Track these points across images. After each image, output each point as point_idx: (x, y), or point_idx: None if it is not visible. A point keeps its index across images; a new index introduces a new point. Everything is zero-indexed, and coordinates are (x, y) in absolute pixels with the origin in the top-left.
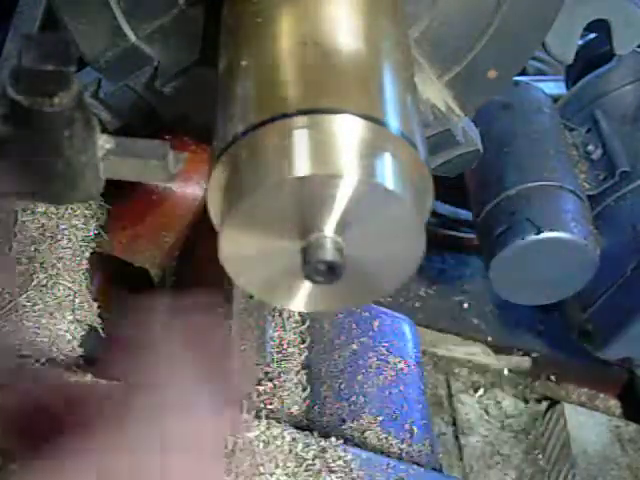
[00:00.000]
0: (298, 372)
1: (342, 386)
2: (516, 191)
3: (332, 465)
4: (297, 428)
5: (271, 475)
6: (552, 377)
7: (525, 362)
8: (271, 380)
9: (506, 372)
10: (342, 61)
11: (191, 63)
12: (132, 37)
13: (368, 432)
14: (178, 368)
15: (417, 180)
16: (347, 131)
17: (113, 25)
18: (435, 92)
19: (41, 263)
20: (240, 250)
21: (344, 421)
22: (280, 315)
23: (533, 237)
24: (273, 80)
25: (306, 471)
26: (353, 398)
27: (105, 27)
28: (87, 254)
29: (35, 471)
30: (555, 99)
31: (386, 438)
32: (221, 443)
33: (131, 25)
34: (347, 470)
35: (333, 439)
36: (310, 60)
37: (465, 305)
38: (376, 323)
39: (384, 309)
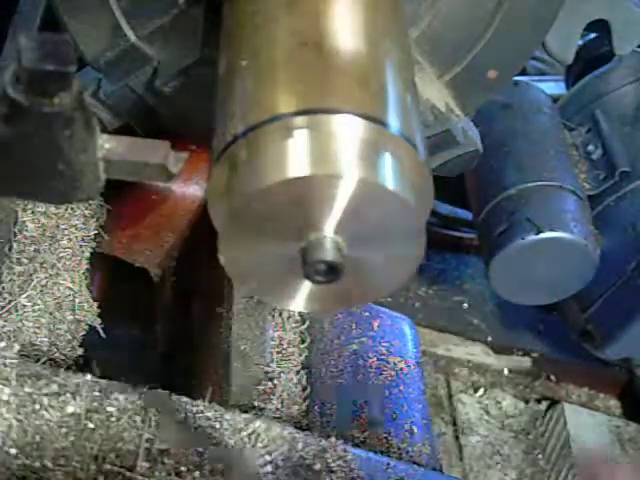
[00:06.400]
0: (298, 372)
1: (342, 386)
2: (516, 191)
3: (332, 465)
4: (297, 428)
5: (271, 475)
6: (552, 377)
7: (525, 362)
8: (271, 380)
9: (506, 372)
10: (342, 61)
11: (191, 63)
12: (132, 37)
13: (368, 432)
14: None
15: (417, 180)
16: (347, 131)
17: (113, 25)
18: (435, 92)
19: (41, 263)
20: (240, 250)
21: (344, 421)
22: (280, 315)
23: (533, 237)
24: (273, 80)
25: (306, 471)
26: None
27: (105, 27)
28: (87, 254)
29: None
30: (555, 99)
31: (386, 438)
32: None
33: (131, 25)
34: (347, 470)
35: (333, 439)
36: (310, 60)
37: (465, 305)
38: (376, 323)
39: (384, 309)
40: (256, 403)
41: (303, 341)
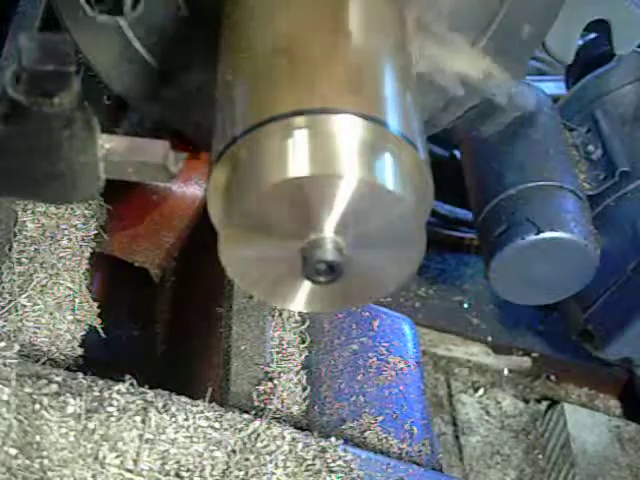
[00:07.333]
0: (298, 372)
1: (342, 386)
2: (516, 191)
3: (332, 465)
4: (297, 428)
5: (271, 475)
6: (552, 377)
7: (525, 362)
8: (271, 380)
9: (506, 372)
10: (341, 61)
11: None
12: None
13: (368, 432)
14: None
15: (417, 180)
16: (347, 131)
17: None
18: (466, 62)
19: (41, 263)
20: (240, 250)
21: (344, 421)
22: (280, 315)
23: (533, 237)
24: (272, 81)
25: (306, 471)
26: (353, 398)
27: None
28: (87, 254)
29: None
30: (555, 99)
31: (386, 438)
32: None
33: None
34: (347, 470)
35: (333, 439)
36: (309, 60)
37: (465, 305)
38: (376, 323)
39: (384, 309)
40: (256, 403)
41: (303, 341)
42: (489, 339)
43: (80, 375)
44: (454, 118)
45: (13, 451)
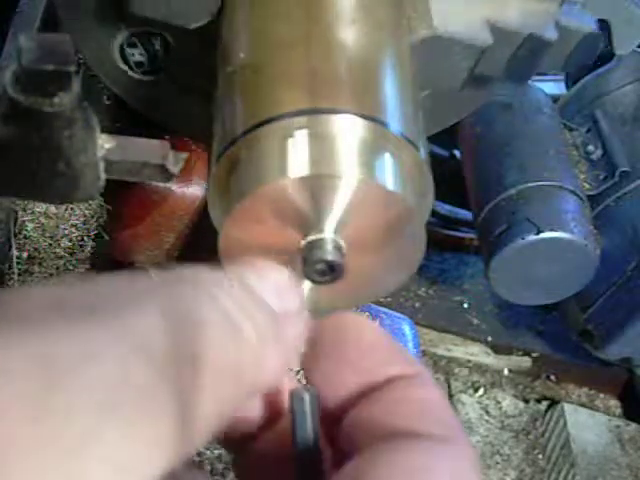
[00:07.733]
0: (298, 372)
1: None
2: (516, 191)
3: None
4: None
5: None
6: (552, 377)
7: (525, 362)
8: None
9: (506, 372)
10: (341, 60)
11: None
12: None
13: None
14: None
15: (417, 180)
16: (347, 131)
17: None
18: (498, 5)
19: (41, 263)
20: (240, 250)
21: None
22: None
23: (533, 237)
24: (272, 80)
25: None
26: None
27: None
28: (87, 254)
29: None
30: (555, 99)
31: None
32: None
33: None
34: None
35: None
36: (309, 59)
37: (465, 305)
38: (376, 323)
39: (384, 309)
40: None
41: None
42: (489, 339)
43: None
44: (494, 72)
45: None
